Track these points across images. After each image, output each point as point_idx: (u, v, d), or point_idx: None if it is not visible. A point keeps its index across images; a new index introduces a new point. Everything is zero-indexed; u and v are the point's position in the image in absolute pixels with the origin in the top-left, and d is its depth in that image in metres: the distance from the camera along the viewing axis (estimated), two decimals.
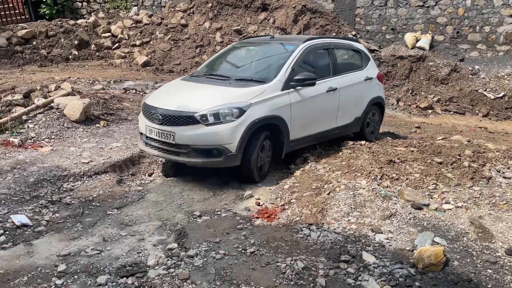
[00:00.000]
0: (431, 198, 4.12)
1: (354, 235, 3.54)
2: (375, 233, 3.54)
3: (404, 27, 12.87)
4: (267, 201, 4.62)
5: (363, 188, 4.45)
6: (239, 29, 12.44)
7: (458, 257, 3.19)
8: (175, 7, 13.64)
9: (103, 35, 13.15)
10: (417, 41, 12.40)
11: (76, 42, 12.48)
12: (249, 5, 12.98)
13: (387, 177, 4.64)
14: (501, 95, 11.03)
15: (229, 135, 4.57)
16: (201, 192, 4.80)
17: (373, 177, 4.66)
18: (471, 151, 5.40)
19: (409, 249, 3.32)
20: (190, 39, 12.48)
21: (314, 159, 5.75)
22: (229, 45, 6.71)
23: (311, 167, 5.42)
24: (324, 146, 6.22)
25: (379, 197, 4.17)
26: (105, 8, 15.54)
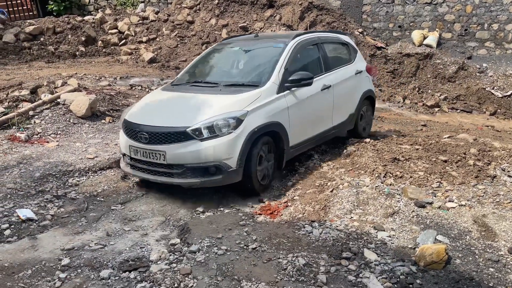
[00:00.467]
0: (435, 196, 4.10)
1: (356, 232, 3.55)
2: (377, 231, 3.54)
3: (411, 24, 12.79)
4: (270, 198, 4.64)
5: (367, 185, 4.44)
6: (245, 26, 12.44)
7: (460, 255, 3.19)
8: (182, 3, 13.65)
9: (110, 31, 13.20)
10: (425, 38, 12.32)
11: (83, 38, 12.55)
12: (255, 2, 12.97)
13: (391, 175, 4.62)
14: (509, 93, 10.94)
15: (228, 149, 4.18)
16: (204, 188, 4.82)
17: (377, 175, 4.64)
18: (477, 149, 5.36)
19: (411, 246, 3.32)
20: (196, 36, 12.50)
21: (318, 157, 5.76)
22: (209, 48, 6.26)
23: (315, 164, 5.42)
24: (329, 143, 6.22)
25: (382, 194, 4.16)
26: (112, 4, 15.60)
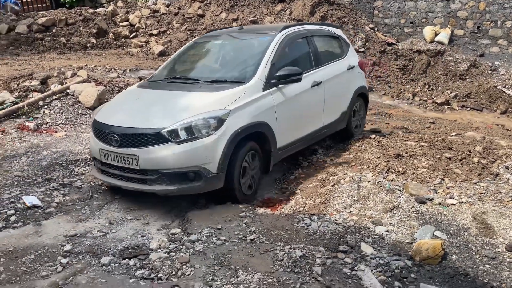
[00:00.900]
0: (436, 192, 4.10)
1: (354, 226, 3.57)
2: (375, 225, 3.56)
3: (423, 20, 12.66)
4: (272, 191, 4.67)
5: (369, 181, 4.45)
6: (255, 20, 12.44)
7: (457, 251, 3.19)
8: None
9: (121, 24, 13.30)
10: (436, 35, 12.19)
11: (94, 30, 12.66)
12: None
13: (394, 171, 4.62)
14: None
15: (208, 153, 3.79)
16: None
17: (379, 171, 4.65)
18: (482, 147, 5.33)
19: (408, 241, 3.33)
20: (206, 29, 12.53)
21: (322, 152, 5.77)
22: (190, 41, 5.84)
23: (319, 159, 5.44)
24: (333, 139, 6.22)
25: (383, 190, 4.17)
26: None
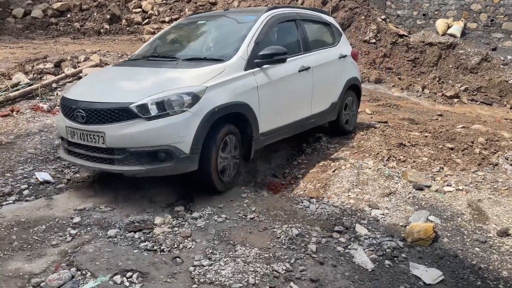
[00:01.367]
0: (434, 180, 4.19)
1: (351, 209, 3.69)
2: (371, 209, 3.67)
3: (436, 12, 12.57)
4: (275, 176, 4.80)
5: (369, 168, 4.55)
6: None
7: (449, 234, 3.30)
8: None
9: (134, 10, 13.46)
10: (449, 27, 12.12)
11: (108, 16, 12.84)
12: None
13: (394, 159, 4.72)
14: None
15: (180, 131, 3.52)
16: None
17: (380, 158, 4.75)
18: (485, 139, 5.38)
19: (402, 224, 3.44)
20: None
21: (326, 139, 5.87)
22: (173, 23, 5.65)
23: (322, 146, 5.55)
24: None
25: (383, 176, 4.27)
26: None
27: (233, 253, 2.99)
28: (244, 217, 3.52)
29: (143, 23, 12.93)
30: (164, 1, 13.54)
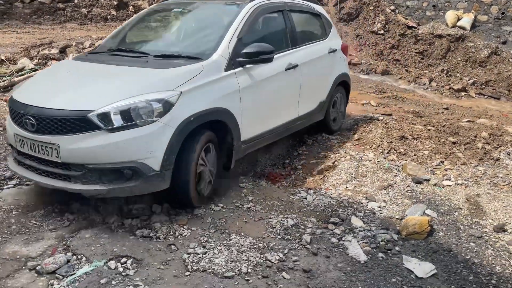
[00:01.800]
0: (433, 174, 4.18)
1: (348, 201, 3.69)
2: (368, 201, 3.68)
3: (446, 4, 12.37)
4: (275, 165, 4.81)
5: (369, 160, 4.54)
6: None
7: (444, 229, 3.29)
8: None
9: None
10: (459, 20, 11.93)
11: (115, 2, 12.82)
12: None
13: (395, 151, 4.70)
14: None
15: (149, 145, 3.02)
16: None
17: (381, 151, 4.73)
18: (488, 133, 5.34)
19: (398, 217, 3.44)
20: None
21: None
22: (145, 9, 4.99)
23: (324, 137, 5.53)
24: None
25: (382, 169, 4.26)
26: None
27: (227, 241, 3.01)
28: (240, 206, 3.54)
29: None
30: None
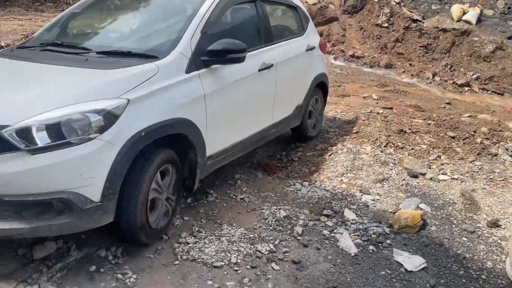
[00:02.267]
0: (430, 168, 4.15)
1: (342, 193, 3.68)
2: (362, 194, 3.66)
3: None
4: (272, 157, 4.79)
5: (366, 153, 4.52)
6: None
7: (437, 223, 3.28)
8: None
9: None
10: (464, 14, 11.80)
11: None
12: None
13: (392, 145, 4.67)
14: None
15: (85, 170, 2.29)
16: None
17: (378, 144, 4.70)
18: (488, 128, 5.30)
19: (391, 211, 3.43)
20: None
21: (326, 124, 5.82)
22: None
23: (322, 130, 5.50)
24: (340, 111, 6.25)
25: (378, 162, 4.24)
26: None
27: (219, 232, 3.02)
28: (234, 197, 3.53)
29: None
30: None
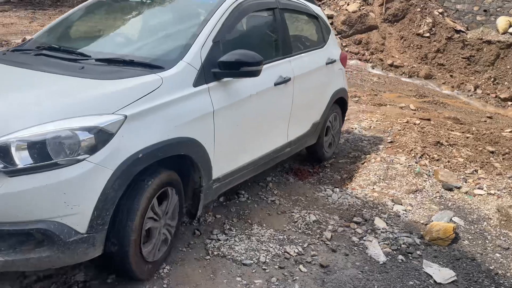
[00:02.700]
0: (466, 182, 4.08)
1: (373, 202, 3.67)
2: (394, 204, 3.64)
3: (498, 9, 11.86)
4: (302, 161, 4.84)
5: (400, 163, 4.48)
6: None
7: (470, 237, 3.22)
8: None
9: None
10: (510, 26, 11.43)
11: None
12: None
13: (428, 157, 4.61)
14: None
15: (70, 197, 2.00)
16: None
17: (413, 155, 4.65)
18: None
19: (423, 222, 3.40)
20: None
21: (359, 131, 5.80)
22: None
23: (355, 137, 5.49)
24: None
25: (412, 173, 4.20)
26: None
27: (249, 231, 3.09)
28: (265, 198, 3.60)
29: None
30: None
